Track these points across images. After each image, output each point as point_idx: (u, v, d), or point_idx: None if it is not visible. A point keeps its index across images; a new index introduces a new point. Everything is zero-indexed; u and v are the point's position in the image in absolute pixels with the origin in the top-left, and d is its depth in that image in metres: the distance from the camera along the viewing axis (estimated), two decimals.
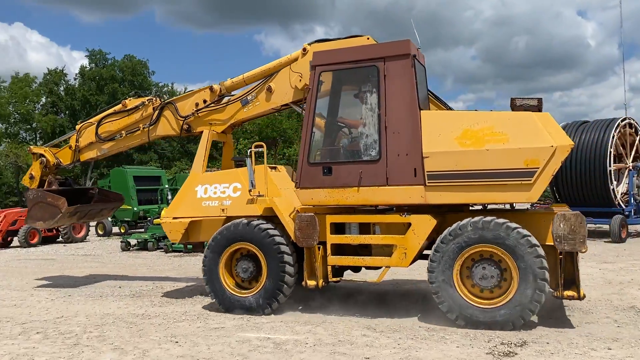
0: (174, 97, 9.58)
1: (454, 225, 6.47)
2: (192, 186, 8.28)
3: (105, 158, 10.68)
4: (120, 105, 9.87)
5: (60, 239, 20.50)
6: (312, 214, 7.11)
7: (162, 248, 16.18)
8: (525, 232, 6.20)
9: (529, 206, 7.80)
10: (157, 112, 9.31)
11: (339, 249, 7.24)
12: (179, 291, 9.09)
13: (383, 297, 8.28)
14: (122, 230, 22.30)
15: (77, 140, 10.13)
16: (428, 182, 6.54)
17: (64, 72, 54.81)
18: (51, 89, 53.10)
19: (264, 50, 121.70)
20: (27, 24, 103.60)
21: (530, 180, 6.17)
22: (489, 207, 7.44)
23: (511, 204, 7.02)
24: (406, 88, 6.74)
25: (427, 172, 6.53)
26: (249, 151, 7.76)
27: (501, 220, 6.29)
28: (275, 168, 8.16)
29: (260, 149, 7.69)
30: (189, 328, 6.70)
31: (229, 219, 7.80)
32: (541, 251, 6.15)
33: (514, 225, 6.24)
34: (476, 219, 6.40)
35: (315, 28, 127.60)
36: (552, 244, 6.28)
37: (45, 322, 7.23)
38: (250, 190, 7.59)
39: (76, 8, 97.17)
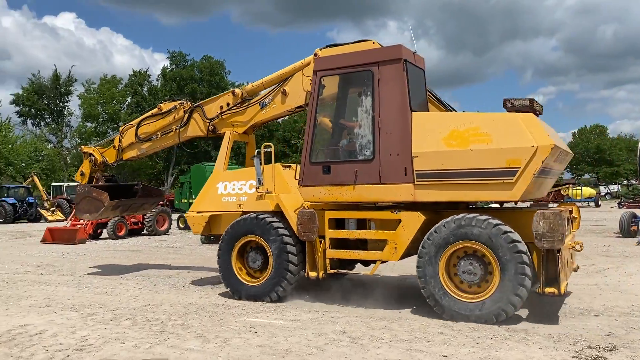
0: (202, 101, 10.12)
1: (438, 223, 6.71)
2: (214, 183, 8.95)
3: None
4: (156, 109, 10.61)
5: (144, 231, 21.64)
6: (312, 209, 7.59)
7: None
8: (505, 228, 6.33)
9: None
10: (187, 114, 9.97)
11: (339, 243, 7.65)
12: None
13: None
14: None
15: (120, 141, 10.99)
16: (417, 181, 6.84)
17: (147, 73, 57.62)
18: (136, 90, 55.93)
19: None
20: (113, 28, 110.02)
21: (512, 179, 6.34)
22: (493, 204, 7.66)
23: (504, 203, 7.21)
24: (398, 91, 7.05)
25: (416, 171, 6.83)
26: (256, 151, 8.33)
27: (482, 217, 6.47)
28: (289, 167, 8.51)
29: (268, 149, 8.19)
30: (266, 319, 6.88)
31: (245, 213, 8.37)
32: (522, 246, 6.25)
33: (495, 221, 6.39)
34: (458, 216, 6.61)
35: (387, 23, 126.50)
36: None
37: (134, 309, 7.66)
38: (257, 188, 8.21)
39: (157, 11, 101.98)
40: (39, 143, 53.92)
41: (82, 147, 11.90)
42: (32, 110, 56.81)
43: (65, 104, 58.54)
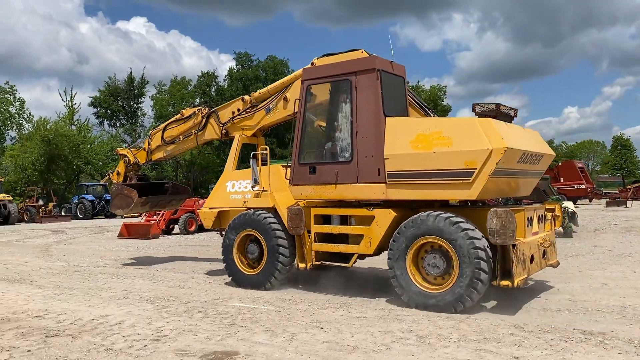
0: (217, 107, 10.95)
1: (406, 220, 7.27)
2: (224, 182, 9.90)
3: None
4: (179, 115, 11.65)
5: None
6: (300, 206, 8.37)
7: None
8: (464, 224, 6.80)
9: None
10: (204, 119, 10.89)
11: (325, 237, 8.31)
12: (322, 278, 9.40)
13: (531, 296, 7.84)
14: None
15: (149, 143, 12.12)
16: (388, 181, 7.45)
17: (215, 74, 59.25)
18: (204, 91, 57.65)
19: (398, 42, 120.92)
20: (181, 31, 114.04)
21: (469, 179, 6.85)
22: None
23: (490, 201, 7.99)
24: (372, 98, 7.67)
25: (388, 171, 7.44)
26: (252, 153, 9.16)
27: (437, 213, 7.03)
28: (290, 167, 8.89)
29: (264, 152, 9.09)
30: (332, 315, 6.93)
31: (249, 209, 9.14)
32: (478, 240, 6.70)
33: (447, 215, 6.93)
34: (422, 214, 7.16)
35: (453, 16, 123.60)
36: None
37: (205, 302, 7.94)
38: (252, 187, 9.12)
39: (223, 13, 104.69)
40: (115, 143, 56.70)
41: (118, 149, 12.96)
42: (108, 111, 59.76)
43: (139, 105, 61.24)
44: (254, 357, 5.34)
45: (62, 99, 59.28)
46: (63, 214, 36.49)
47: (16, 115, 41.11)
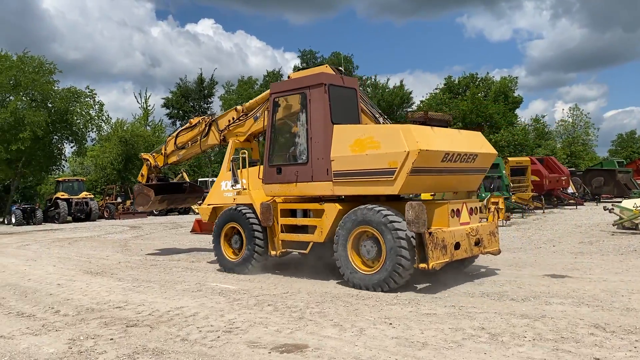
0: (217, 116, 12.28)
1: (347, 213, 8.42)
2: (219, 181, 11.29)
3: None
4: (188, 124, 13.07)
5: None
6: (269, 202, 9.66)
7: None
8: (388, 213, 7.87)
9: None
10: (207, 127, 12.30)
11: (290, 228, 9.58)
12: None
13: (613, 295, 7.43)
14: None
15: (165, 149, 13.60)
16: (334, 179, 8.67)
17: (280, 73, 60.16)
18: None
19: (466, 33, 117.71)
20: (247, 31, 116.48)
21: (392, 177, 7.93)
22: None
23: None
24: (321, 109, 8.87)
25: (333, 171, 8.65)
26: (232, 157, 10.67)
27: (371, 206, 8.11)
28: None
29: (244, 155, 10.42)
30: (401, 311, 6.87)
31: (238, 205, 10.44)
32: (399, 224, 7.72)
33: (379, 207, 8.01)
34: (357, 207, 8.29)
35: (523, 4, 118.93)
36: None
37: (274, 296, 8.10)
38: (232, 185, 10.57)
39: (287, 11, 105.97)
40: None
41: (141, 154, 14.53)
42: (180, 112, 61.91)
43: (209, 105, 63.09)
44: (323, 350, 5.39)
45: (137, 101, 62.10)
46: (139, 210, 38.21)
47: (96, 118, 43.31)
